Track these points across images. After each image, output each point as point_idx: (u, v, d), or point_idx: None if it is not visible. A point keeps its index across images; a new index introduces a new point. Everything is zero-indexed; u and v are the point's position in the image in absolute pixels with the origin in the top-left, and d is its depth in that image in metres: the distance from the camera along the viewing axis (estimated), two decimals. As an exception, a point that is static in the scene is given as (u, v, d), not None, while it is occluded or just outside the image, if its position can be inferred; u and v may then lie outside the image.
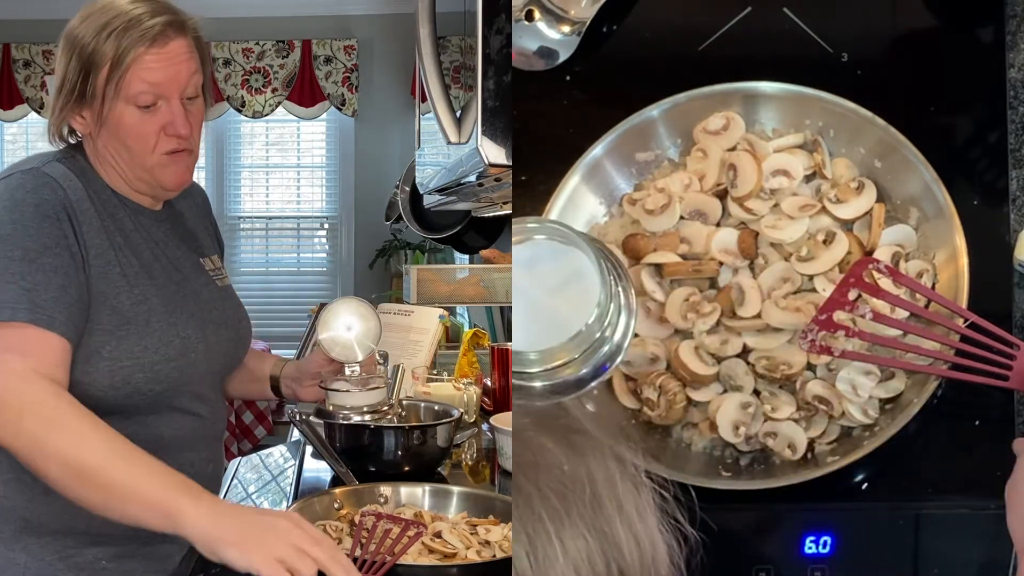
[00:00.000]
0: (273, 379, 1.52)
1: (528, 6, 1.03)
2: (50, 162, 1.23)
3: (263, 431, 4.59)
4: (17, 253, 1.14)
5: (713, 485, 1.04)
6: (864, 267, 0.96)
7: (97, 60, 1.20)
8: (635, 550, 0.53)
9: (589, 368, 0.96)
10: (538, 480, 0.53)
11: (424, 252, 4.69)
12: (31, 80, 5.01)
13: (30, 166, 1.22)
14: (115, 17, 1.20)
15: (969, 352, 0.96)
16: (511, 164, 1.03)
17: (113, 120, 1.22)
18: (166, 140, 1.25)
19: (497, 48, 1.00)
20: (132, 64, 1.20)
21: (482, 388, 2.07)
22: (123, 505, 1.06)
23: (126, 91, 1.21)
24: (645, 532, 0.54)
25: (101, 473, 1.06)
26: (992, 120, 1.06)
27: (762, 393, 1.05)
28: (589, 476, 0.55)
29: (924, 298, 1.01)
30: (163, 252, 1.30)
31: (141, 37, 1.20)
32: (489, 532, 1.17)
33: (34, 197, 1.17)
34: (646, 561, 0.54)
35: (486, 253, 2.73)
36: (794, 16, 1.06)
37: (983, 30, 1.07)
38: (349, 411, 1.47)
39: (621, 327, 0.97)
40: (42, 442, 1.08)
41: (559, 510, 0.52)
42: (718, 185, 1.07)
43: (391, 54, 5.00)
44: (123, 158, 1.26)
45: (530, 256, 0.95)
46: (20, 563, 1.21)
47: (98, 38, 1.20)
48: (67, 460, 1.07)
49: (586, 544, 0.52)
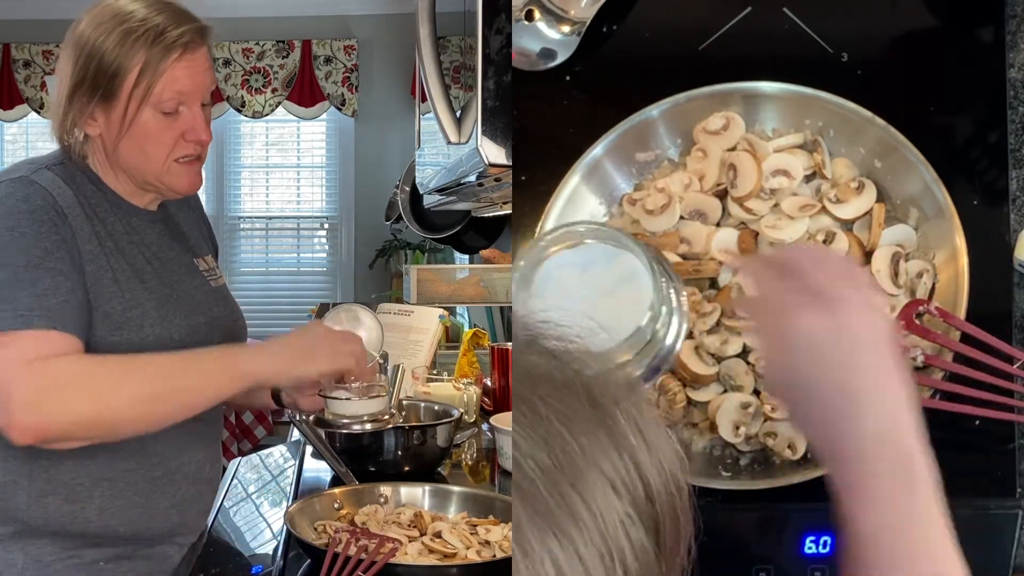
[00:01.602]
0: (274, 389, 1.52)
1: (528, 6, 1.03)
2: (39, 170, 1.22)
3: (263, 431, 4.59)
4: (21, 260, 1.14)
5: (713, 485, 1.04)
6: (914, 309, 0.96)
7: (125, 65, 1.21)
8: (644, 448, 0.52)
9: (643, 370, 0.96)
10: (535, 389, 0.52)
11: (424, 252, 4.69)
12: (31, 80, 5.00)
13: (18, 174, 1.21)
14: (139, 23, 1.21)
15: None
16: (511, 164, 1.03)
17: (135, 125, 1.23)
18: (184, 145, 1.26)
19: (497, 48, 1.00)
20: (165, 72, 1.21)
21: (482, 388, 2.07)
22: (201, 398, 1.19)
23: (155, 97, 1.22)
24: (653, 434, 0.53)
25: (169, 391, 1.17)
26: (992, 120, 1.06)
27: (762, 393, 1.05)
28: (583, 383, 0.54)
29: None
30: (155, 254, 1.30)
31: (172, 45, 1.21)
32: (489, 532, 1.17)
33: (27, 204, 1.17)
34: (655, 460, 0.52)
35: (486, 253, 2.73)
36: (794, 16, 1.06)
37: (983, 30, 1.07)
38: (349, 420, 1.46)
39: (674, 329, 0.97)
40: (106, 399, 1.13)
41: (564, 412, 0.51)
42: (718, 185, 1.07)
43: (391, 54, 5.00)
44: (137, 162, 1.26)
45: (582, 260, 0.95)
46: (18, 564, 1.21)
47: (123, 44, 1.20)
48: (137, 397, 1.15)
49: (599, 441, 0.51)
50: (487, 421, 1.73)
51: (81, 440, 1.15)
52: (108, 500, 1.23)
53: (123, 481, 1.23)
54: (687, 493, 0.55)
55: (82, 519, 1.21)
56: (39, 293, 1.13)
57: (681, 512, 0.54)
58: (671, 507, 0.53)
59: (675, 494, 0.53)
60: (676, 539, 0.54)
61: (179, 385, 1.18)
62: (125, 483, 1.24)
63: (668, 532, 0.52)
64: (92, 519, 1.22)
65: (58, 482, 1.21)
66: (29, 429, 1.10)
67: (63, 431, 1.12)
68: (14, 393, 1.09)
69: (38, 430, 1.10)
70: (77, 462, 1.21)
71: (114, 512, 1.23)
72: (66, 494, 1.21)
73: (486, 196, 1.52)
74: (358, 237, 5.17)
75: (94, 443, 1.17)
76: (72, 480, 1.21)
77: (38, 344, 1.12)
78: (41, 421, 1.10)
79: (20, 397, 1.09)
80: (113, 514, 1.23)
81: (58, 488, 1.21)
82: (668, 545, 0.53)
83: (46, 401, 1.10)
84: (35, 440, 1.11)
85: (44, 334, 1.12)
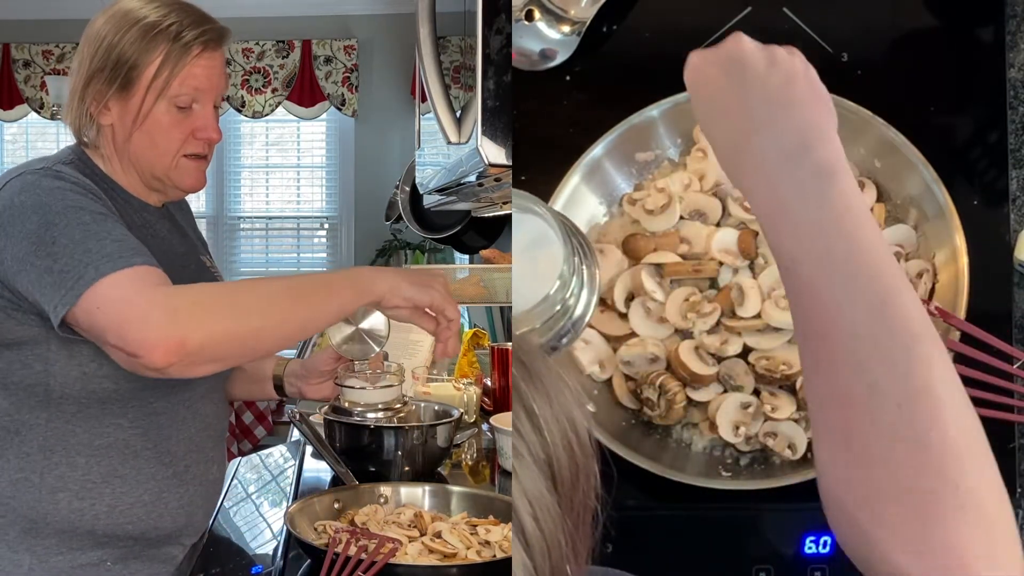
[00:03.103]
0: (276, 378, 1.52)
1: (528, 6, 1.03)
2: (56, 164, 1.23)
3: (263, 431, 4.59)
4: (86, 217, 1.13)
5: (713, 485, 1.04)
6: None
7: (145, 57, 1.23)
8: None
9: (548, 337, 0.96)
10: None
11: (424, 252, 4.69)
12: (31, 80, 5.00)
13: (40, 166, 1.22)
14: (162, 18, 1.24)
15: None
16: (511, 164, 1.03)
17: (149, 117, 1.24)
18: (194, 143, 1.28)
19: (497, 48, 1.00)
20: (185, 67, 1.24)
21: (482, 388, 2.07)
22: (330, 309, 1.20)
23: (171, 91, 1.24)
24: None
25: (302, 302, 1.17)
26: (992, 120, 1.06)
27: (762, 393, 1.05)
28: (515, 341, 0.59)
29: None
30: (169, 248, 1.31)
31: (193, 41, 1.24)
32: (489, 532, 1.17)
33: (64, 182, 1.17)
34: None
35: (486, 253, 2.73)
36: (794, 16, 1.06)
37: (983, 30, 1.07)
38: (364, 408, 1.48)
39: (583, 301, 0.97)
40: (244, 311, 1.14)
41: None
42: (718, 185, 1.07)
43: (391, 54, 5.00)
44: (148, 154, 1.27)
45: (515, 225, 0.96)
46: (24, 565, 1.21)
47: (144, 38, 1.23)
48: (272, 309, 1.16)
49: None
50: (487, 421, 1.73)
51: (222, 359, 1.14)
52: (118, 498, 1.23)
53: (134, 480, 1.24)
54: (589, 445, 0.58)
55: (91, 516, 1.21)
56: (119, 239, 1.12)
57: (580, 460, 0.57)
58: (568, 454, 0.56)
59: (572, 440, 0.56)
60: (574, 485, 0.56)
61: (310, 298, 1.19)
62: (136, 481, 1.24)
63: (565, 479, 0.55)
64: (102, 517, 1.22)
65: (70, 479, 1.21)
66: (171, 346, 1.06)
67: (202, 347, 1.09)
68: (149, 316, 1.07)
69: (178, 345, 1.06)
70: (90, 459, 1.21)
71: (123, 510, 1.23)
72: (77, 491, 1.21)
73: (486, 196, 1.52)
74: (358, 237, 5.17)
75: (233, 364, 1.20)
76: (83, 477, 1.21)
77: (148, 276, 1.10)
78: (181, 337, 1.06)
79: (156, 319, 1.06)
80: (122, 512, 1.23)
81: (69, 485, 1.21)
82: (566, 488, 0.56)
83: (184, 319, 1.08)
84: (176, 357, 1.07)
85: (148, 268, 1.11)
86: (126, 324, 1.07)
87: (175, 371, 1.08)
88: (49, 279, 1.10)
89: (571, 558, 0.54)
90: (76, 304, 1.08)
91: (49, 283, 1.10)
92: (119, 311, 1.07)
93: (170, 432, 1.26)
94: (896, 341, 0.61)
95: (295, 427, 1.65)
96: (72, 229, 1.12)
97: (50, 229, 1.12)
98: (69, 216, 1.13)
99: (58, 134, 5.10)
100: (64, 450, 1.20)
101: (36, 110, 5.01)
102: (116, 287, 1.08)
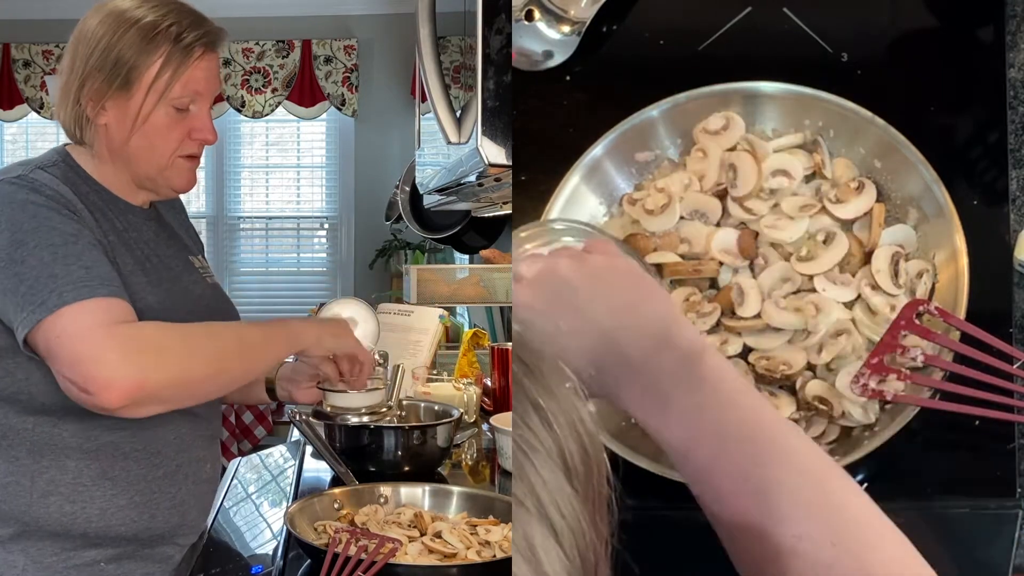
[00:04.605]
0: (268, 381, 1.52)
1: (528, 6, 1.03)
2: (34, 170, 1.22)
3: (263, 431, 4.59)
4: (57, 239, 1.13)
5: (713, 485, 1.03)
6: (914, 309, 0.96)
7: (145, 59, 1.22)
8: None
9: None
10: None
11: (424, 252, 4.69)
12: (31, 80, 5.01)
13: (15, 174, 1.21)
14: (160, 19, 1.24)
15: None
16: (511, 164, 1.03)
17: (148, 117, 1.24)
18: (189, 144, 1.28)
19: (497, 48, 1.00)
20: (187, 69, 1.24)
21: (482, 388, 2.07)
22: (268, 359, 1.28)
23: (172, 93, 1.24)
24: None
25: (243, 352, 1.22)
26: (992, 120, 1.06)
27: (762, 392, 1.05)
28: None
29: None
30: (153, 251, 1.30)
31: (195, 44, 1.24)
32: (489, 532, 1.17)
33: (38, 196, 1.17)
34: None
35: (486, 253, 2.73)
36: (794, 16, 1.06)
37: (983, 30, 1.07)
38: (347, 412, 1.47)
39: None
40: (193, 361, 1.15)
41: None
42: (718, 185, 1.07)
43: (391, 54, 5.00)
44: (145, 155, 1.27)
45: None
46: (19, 566, 1.21)
47: (145, 39, 1.23)
48: (217, 358, 1.19)
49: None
50: (487, 421, 1.73)
51: (166, 402, 1.14)
52: (109, 500, 1.23)
53: (124, 481, 1.23)
54: (596, 435, 0.59)
55: (83, 519, 1.21)
56: (88, 265, 1.12)
57: (590, 449, 0.57)
58: (579, 444, 0.57)
59: (580, 430, 0.57)
60: (588, 475, 0.57)
61: (253, 351, 1.23)
62: (127, 483, 1.24)
63: (579, 470, 0.56)
64: (93, 519, 1.22)
65: (60, 482, 1.21)
66: (127, 388, 1.06)
67: (156, 391, 1.10)
68: (105, 356, 1.07)
69: (135, 388, 1.07)
70: (79, 462, 1.21)
71: (115, 512, 1.23)
72: (68, 494, 1.21)
73: (486, 196, 1.52)
74: (358, 237, 5.17)
75: (173, 408, 1.19)
76: (74, 480, 1.21)
77: (110, 310, 1.10)
78: (139, 379, 1.07)
79: (113, 359, 1.07)
80: (114, 514, 1.23)
81: (60, 488, 1.21)
82: (581, 479, 0.56)
83: (141, 361, 1.08)
84: (129, 399, 1.07)
85: (111, 301, 1.11)
86: (80, 361, 1.07)
87: (126, 412, 1.09)
88: (14, 299, 1.11)
89: (596, 546, 0.55)
90: (35, 329, 1.09)
91: (13, 303, 1.11)
92: (74, 347, 1.07)
93: (160, 433, 1.25)
94: (813, 487, 0.66)
95: (295, 427, 1.65)
96: (41, 251, 1.12)
97: (19, 248, 1.12)
98: (40, 236, 1.13)
99: (58, 134, 5.09)
100: (53, 454, 1.19)
101: (36, 110, 5.01)
102: (75, 321, 1.08)
